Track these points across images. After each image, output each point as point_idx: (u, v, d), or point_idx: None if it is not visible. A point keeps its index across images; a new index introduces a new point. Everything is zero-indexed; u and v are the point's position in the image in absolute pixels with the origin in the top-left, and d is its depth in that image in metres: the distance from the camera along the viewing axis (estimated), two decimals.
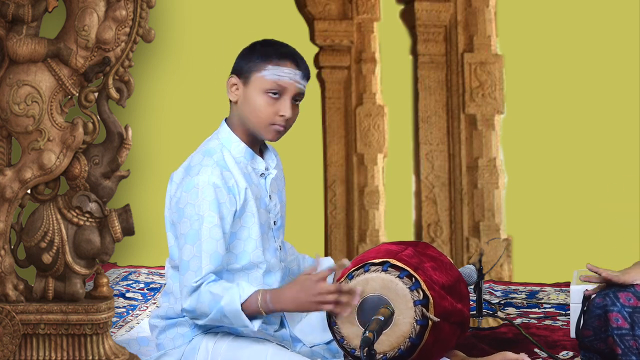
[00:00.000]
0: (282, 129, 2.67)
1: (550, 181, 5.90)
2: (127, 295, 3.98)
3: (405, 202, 6.53)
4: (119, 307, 3.74)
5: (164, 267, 2.80)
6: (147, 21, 2.74)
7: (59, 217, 2.77)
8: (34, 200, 2.82)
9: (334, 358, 2.78)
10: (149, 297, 3.95)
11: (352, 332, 2.63)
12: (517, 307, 3.79)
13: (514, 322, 3.53)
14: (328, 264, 3.03)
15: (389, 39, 6.84)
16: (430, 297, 2.62)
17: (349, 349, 2.67)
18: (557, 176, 5.87)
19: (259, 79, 2.65)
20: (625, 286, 2.80)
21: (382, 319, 2.44)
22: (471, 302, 3.15)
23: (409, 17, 6.50)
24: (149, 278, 4.25)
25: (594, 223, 5.64)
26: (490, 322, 3.51)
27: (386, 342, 2.59)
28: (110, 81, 2.75)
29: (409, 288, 2.61)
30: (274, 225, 2.76)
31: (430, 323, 2.61)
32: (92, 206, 2.77)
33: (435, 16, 6.39)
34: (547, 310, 3.75)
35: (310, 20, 6.94)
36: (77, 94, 2.76)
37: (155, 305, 3.79)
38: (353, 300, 2.48)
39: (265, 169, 2.75)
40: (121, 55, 2.74)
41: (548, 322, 3.58)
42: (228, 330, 2.66)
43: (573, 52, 5.93)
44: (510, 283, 4.29)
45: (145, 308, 3.79)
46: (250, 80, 2.66)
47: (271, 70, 2.64)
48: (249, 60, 2.67)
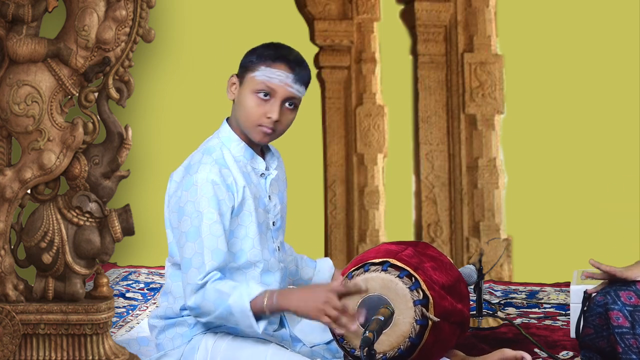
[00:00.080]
0: (269, 131, 2.65)
1: (550, 181, 5.89)
2: (127, 295, 3.98)
3: (405, 202, 6.53)
4: (119, 307, 3.74)
5: (164, 267, 2.80)
6: (147, 21, 2.74)
7: (59, 217, 2.77)
8: (34, 200, 2.81)
9: (334, 358, 2.78)
10: (149, 297, 3.95)
11: (352, 332, 2.63)
12: (517, 307, 3.79)
13: (514, 322, 3.53)
14: (327, 264, 3.04)
15: (389, 39, 6.83)
16: (430, 297, 2.62)
17: (348, 349, 2.67)
18: (557, 176, 5.87)
19: (251, 80, 2.65)
20: (627, 284, 2.80)
21: (382, 318, 2.44)
22: (471, 302, 3.14)
23: (409, 17, 6.50)
24: (149, 278, 4.25)
25: (594, 223, 5.64)
26: (490, 322, 3.51)
27: (386, 342, 2.59)
28: (110, 81, 2.75)
29: (409, 288, 2.61)
30: (273, 225, 2.75)
31: (430, 323, 2.61)
32: (92, 206, 2.77)
33: (435, 16, 6.38)
34: (547, 310, 3.75)
35: (310, 20, 6.94)
36: (77, 94, 2.76)
37: (155, 305, 3.79)
38: (352, 326, 2.46)
39: (266, 169, 2.75)
40: (121, 55, 2.74)
41: (548, 322, 3.58)
42: (227, 329, 2.66)
43: (573, 52, 5.92)
44: (510, 283, 4.29)
45: (145, 308, 3.79)
46: (245, 80, 2.66)
47: (262, 72, 2.63)
48: (248, 61, 2.67)
